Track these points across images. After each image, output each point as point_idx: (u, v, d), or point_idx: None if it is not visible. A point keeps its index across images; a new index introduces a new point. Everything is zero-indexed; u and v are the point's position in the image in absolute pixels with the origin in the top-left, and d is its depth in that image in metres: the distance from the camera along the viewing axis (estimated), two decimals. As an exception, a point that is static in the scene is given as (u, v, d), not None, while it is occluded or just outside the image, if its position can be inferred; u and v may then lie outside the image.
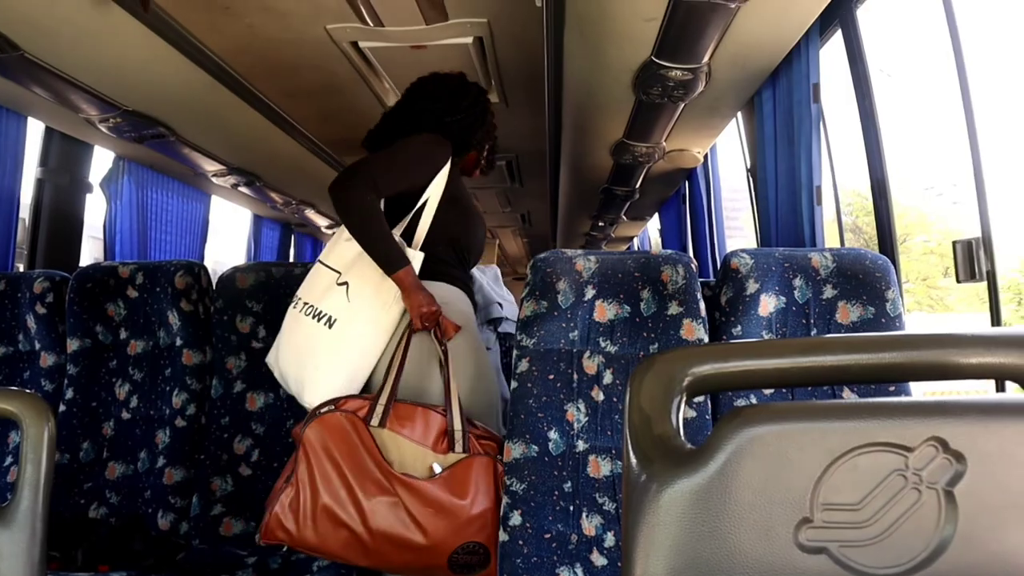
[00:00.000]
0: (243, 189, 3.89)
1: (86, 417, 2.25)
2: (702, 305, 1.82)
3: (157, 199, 3.62)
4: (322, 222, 5.20)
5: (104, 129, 2.78)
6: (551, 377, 1.81)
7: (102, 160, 3.32)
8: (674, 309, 1.81)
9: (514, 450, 1.76)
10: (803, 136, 2.27)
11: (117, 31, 2.25)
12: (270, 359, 2.00)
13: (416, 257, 1.89)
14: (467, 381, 1.89)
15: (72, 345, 2.30)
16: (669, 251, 1.87)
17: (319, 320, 1.85)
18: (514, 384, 1.81)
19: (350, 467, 1.69)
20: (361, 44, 2.86)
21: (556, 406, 1.80)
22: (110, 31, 2.24)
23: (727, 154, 3.57)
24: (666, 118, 2.79)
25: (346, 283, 1.86)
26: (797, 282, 1.85)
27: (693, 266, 1.84)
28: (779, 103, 2.46)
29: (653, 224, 5.80)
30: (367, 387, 1.91)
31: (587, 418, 1.80)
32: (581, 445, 1.78)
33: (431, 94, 2.10)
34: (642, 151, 3.24)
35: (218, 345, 2.28)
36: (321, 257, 1.97)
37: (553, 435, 1.77)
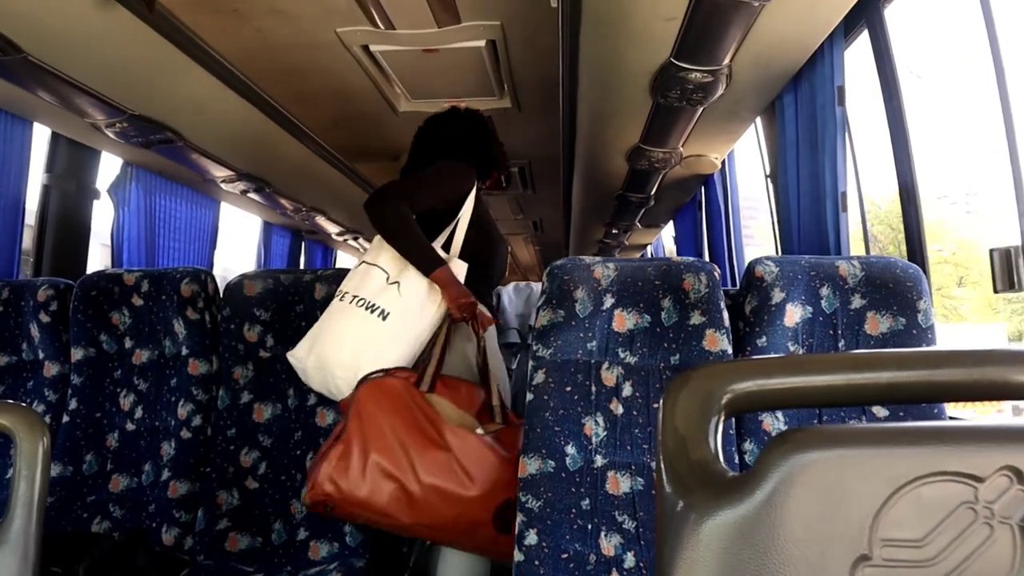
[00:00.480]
0: (252, 195, 3.84)
1: (90, 428, 2.19)
2: (726, 315, 1.74)
3: (165, 205, 3.57)
4: (332, 229, 5.15)
5: (111, 134, 2.73)
6: (568, 389, 1.75)
7: (110, 166, 3.28)
8: (696, 319, 1.74)
9: (529, 465, 1.69)
10: (827, 141, 2.19)
11: (123, 33, 2.21)
12: (299, 353, 2.00)
13: (461, 266, 2.05)
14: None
15: (76, 354, 2.24)
16: (691, 258, 1.80)
17: (373, 312, 1.96)
18: (529, 396, 1.74)
19: (403, 423, 1.76)
20: (372, 48, 2.81)
21: (573, 419, 1.73)
22: (115, 33, 2.20)
23: (745, 160, 3.51)
24: (684, 123, 2.72)
25: (397, 283, 1.99)
26: (824, 291, 1.78)
27: (716, 274, 1.77)
28: (801, 107, 2.39)
29: (667, 232, 5.73)
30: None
31: (606, 432, 1.73)
32: (599, 460, 1.71)
33: (450, 132, 2.31)
34: (658, 157, 3.17)
35: (225, 355, 2.23)
36: (368, 259, 2.07)
37: (570, 450, 1.70)
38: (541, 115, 3.63)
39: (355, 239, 5.66)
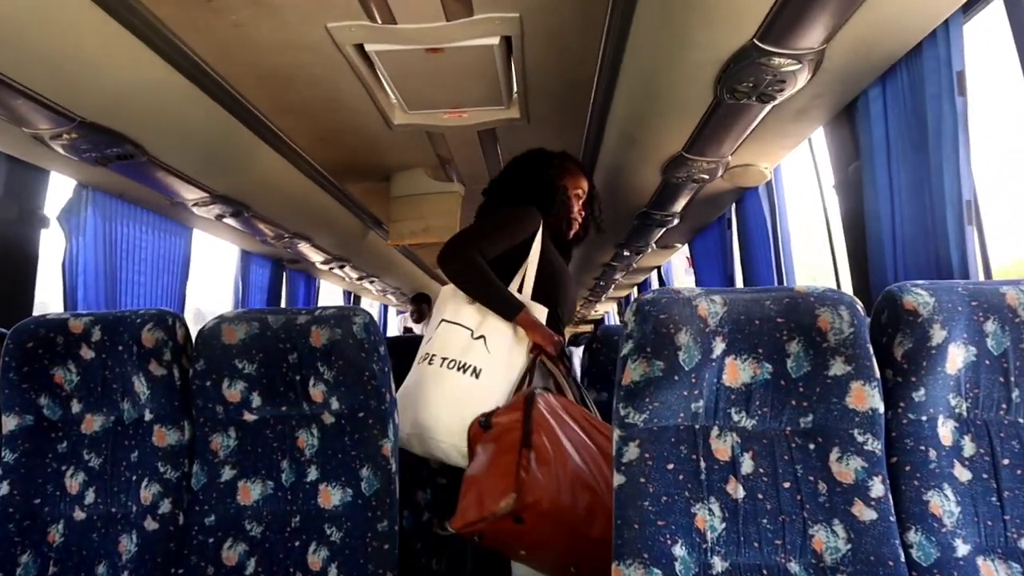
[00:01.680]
0: (229, 221, 3.36)
1: (26, 520, 1.70)
2: (875, 363, 1.32)
3: (128, 234, 3.08)
4: (317, 257, 4.66)
5: (58, 148, 2.25)
6: (670, 467, 1.30)
7: (61, 189, 2.80)
8: (838, 368, 1.31)
9: (628, 578, 1.23)
10: (945, 138, 1.79)
11: (69, 21, 1.76)
12: (405, 429, 1.97)
13: (541, 311, 2.08)
14: None
15: (8, 424, 1.76)
16: (822, 288, 1.37)
17: (465, 372, 1.98)
18: (620, 479, 1.29)
19: (577, 433, 1.74)
20: (368, 47, 2.38)
21: (680, 509, 1.28)
22: (59, 21, 1.75)
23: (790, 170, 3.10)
24: (743, 125, 2.31)
25: (483, 336, 2.02)
26: (990, 327, 1.36)
27: (860, 309, 1.34)
28: (897, 101, 1.99)
29: (677, 253, 5.31)
30: None
31: (724, 524, 1.28)
32: (719, 565, 1.26)
33: (516, 168, 2.38)
34: (702, 167, 2.75)
35: (199, 419, 1.76)
36: (447, 317, 2.08)
37: (679, 551, 1.25)
38: (553, 125, 3.24)
39: (341, 267, 5.18)
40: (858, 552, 1.23)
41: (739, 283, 3.79)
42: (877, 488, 1.27)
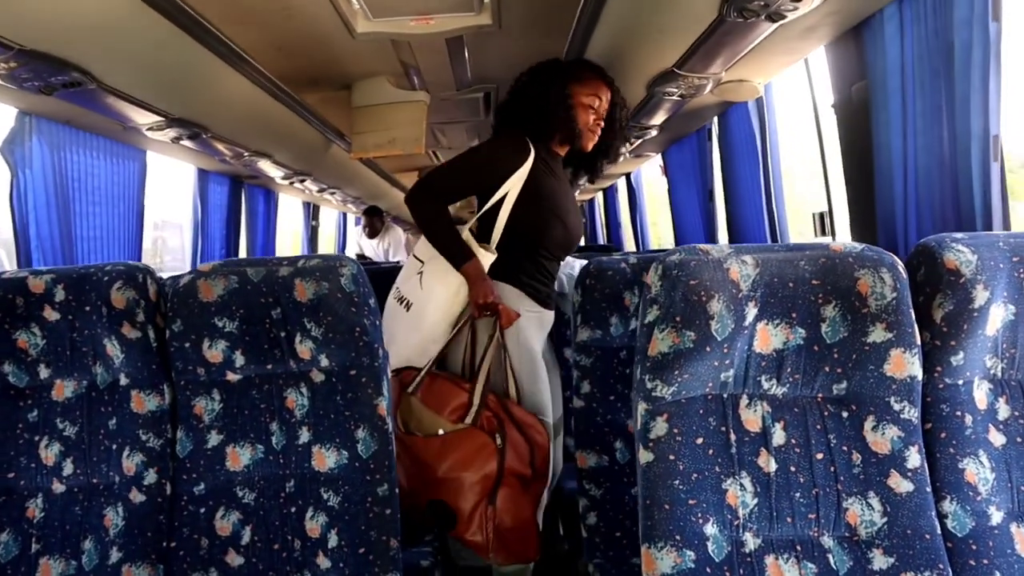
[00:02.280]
0: (186, 143, 3.11)
1: (1, 496, 1.59)
2: (917, 330, 1.24)
3: (79, 163, 2.82)
4: (277, 173, 4.41)
5: (-4, 78, 2.01)
6: (699, 441, 1.23)
7: (1, 118, 2.54)
8: (879, 334, 1.23)
9: (660, 563, 1.17)
10: (974, 66, 1.66)
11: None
12: None
13: (486, 258, 2.10)
14: (519, 369, 2.14)
15: (-30, 393, 1.62)
16: (860, 247, 1.27)
17: (401, 303, 2.12)
18: (647, 457, 1.22)
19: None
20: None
21: (711, 485, 1.21)
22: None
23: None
24: (745, 43, 2.14)
25: (422, 272, 2.10)
26: None
27: (902, 270, 1.25)
28: (918, 22, 1.84)
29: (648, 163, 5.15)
30: (445, 365, 2.17)
31: (756, 500, 1.22)
32: (751, 541, 1.21)
33: (522, 83, 2.29)
34: (692, 83, 2.59)
35: (180, 382, 1.64)
36: (415, 251, 2.17)
37: (711, 529, 1.19)
38: (528, 33, 3.03)
39: (301, 181, 4.93)
40: (894, 525, 1.19)
41: (719, 195, 3.67)
42: (913, 459, 1.22)
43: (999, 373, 1.31)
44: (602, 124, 2.26)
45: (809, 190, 3.06)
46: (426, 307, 2.08)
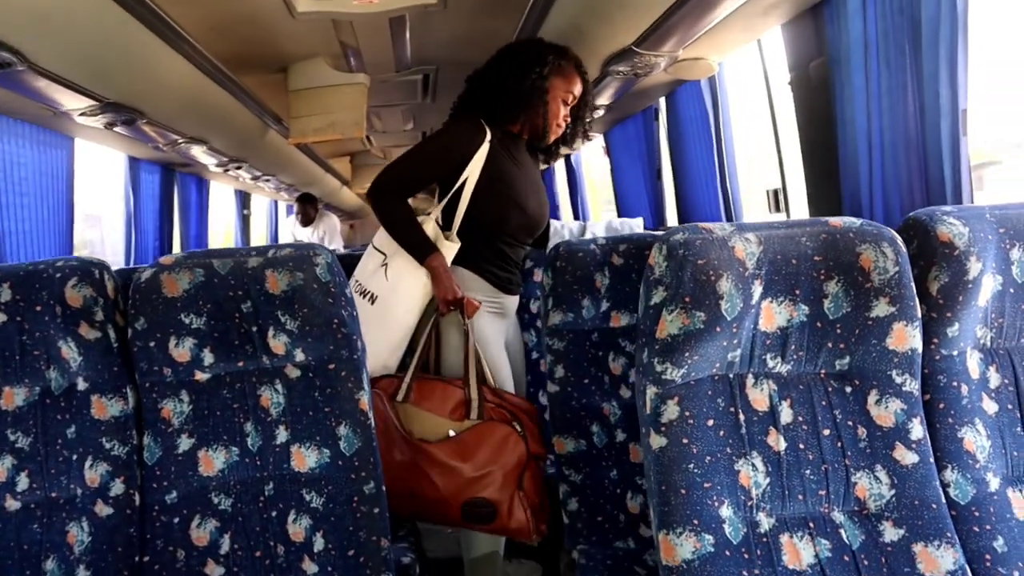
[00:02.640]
0: (120, 129, 2.92)
1: (-53, 515, 1.46)
2: (918, 303, 1.24)
3: (5, 153, 2.61)
4: (210, 160, 4.20)
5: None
6: (710, 423, 1.21)
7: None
8: (882, 309, 1.23)
9: (679, 548, 1.15)
10: (942, 40, 1.69)
11: None
12: None
13: (449, 248, 2.09)
14: (485, 353, 2.11)
15: (-93, 406, 1.48)
16: (859, 222, 1.27)
17: (364, 297, 2.07)
18: (660, 441, 1.19)
19: (379, 436, 1.72)
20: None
21: (724, 467, 1.20)
22: None
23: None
24: (708, 19, 2.12)
25: (386, 264, 2.08)
26: (1016, 254, 1.31)
27: (901, 244, 1.25)
28: (880, -2, 1.86)
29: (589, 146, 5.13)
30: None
31: (767, 480, 1.21)
32: (765, 522, 1.20)
33: (499, 61, 2.18)
34: (648, 61, 2.56)
35: (144, 384, 1.53)
36: (375, 241, 2.14)
37: (726, 512, 1.18)
38: (474, 13, 2.97)
39: (237, 168, 4.73)
40: (902, 497, 1.20)
41: (667, 175, 3.68)
42: (916, 430, 1.23)
43: (988, 343, 1.33)
44: (569, 119, 2.21)
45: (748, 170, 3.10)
46: (392, 299, 2.06)
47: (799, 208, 2.68)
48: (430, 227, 2.10)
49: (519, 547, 2.50)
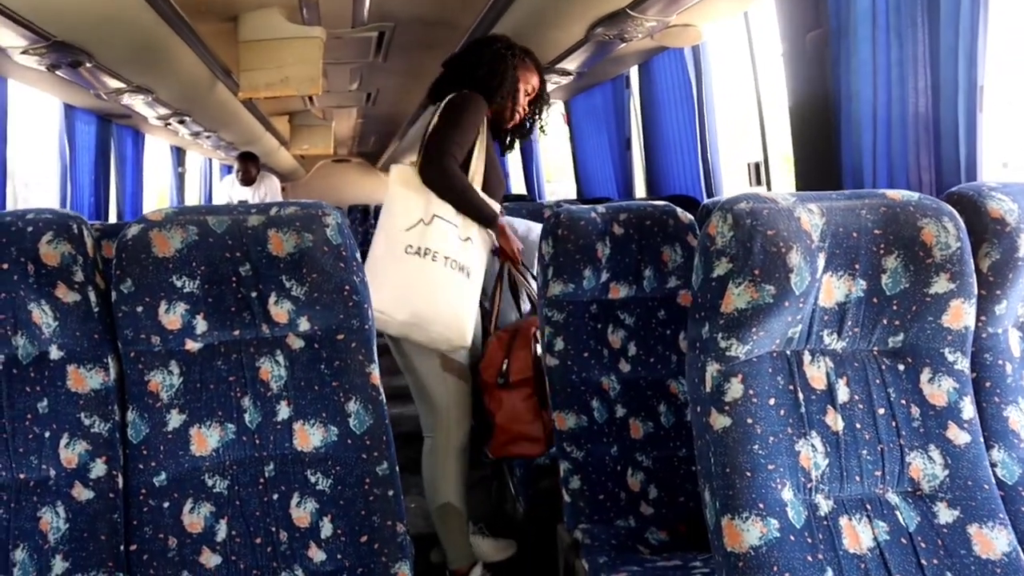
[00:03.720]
0: (63, 73, 2.64)
1: None
2: (975, 280, 1.22)
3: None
4: (151, 112, 3.90)
5: None
6: (772, 402, 1.15)
7: None
8: (942, 285, 1.19)
9: (746, 534, 1.09)
10: (963, 16, 1.67)
11: None
12: (386, 307, 1.99)
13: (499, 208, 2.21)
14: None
15: None
16: (916, 196, 1.23)
17: (461, 272, 2.10)
18: (724, 422, 1.13)
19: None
20: None
21: (786, 448, 1.14)
22: None
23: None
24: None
25: (469, 238, 2.12)
26: None
27: (960, 220, 1.22)
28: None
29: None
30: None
31: (827, 460, 1.17)
32: (824, 504, 1.16)
33: (475, 49, 2.33)
34: (638, 25, 2.48)
35: (129, 354, 1.37)
36: (440, 214, 2.09)
37: (788, 495, 1.13)
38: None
39: (180, 122, 4.42)
40: (955, 478, 1.18)
41: (636, 145, 3.64)
42: (968, 409, 1.21)
43: None
44: (526, 109, 2.37)
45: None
46: (479, 269, 2.16)
47: (780, 182, 2.68)
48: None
49: (496, 525, 2.45)
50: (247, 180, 5.95)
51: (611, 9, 2.44)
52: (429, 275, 2.04)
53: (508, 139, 2.44)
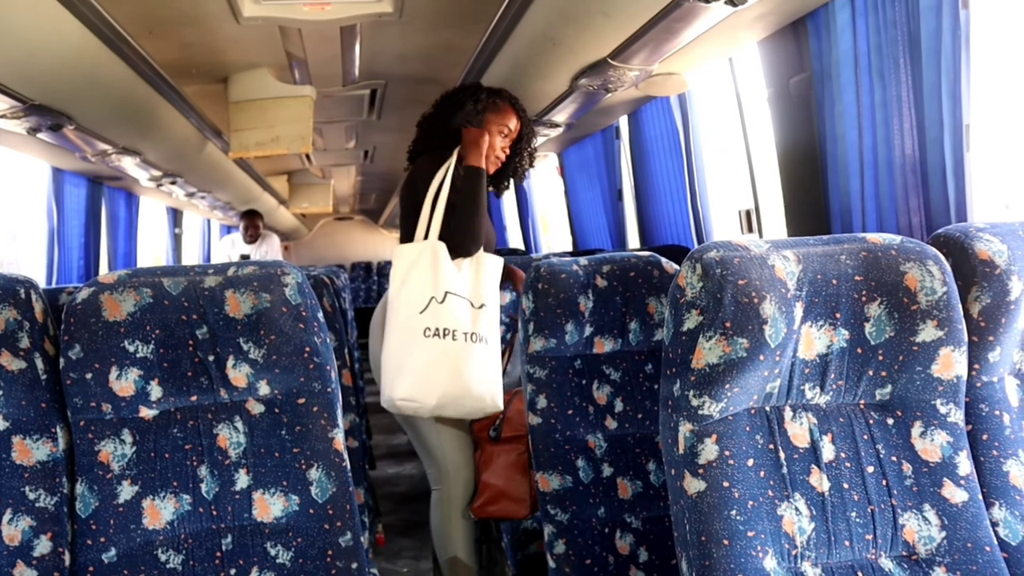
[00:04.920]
0: (44, 136, 2.64)
1: None
2: (965, 326, 1.15)
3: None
4: (142, 174, 3.91)
5: None
6: (750, 463, 1.08)
7: None
8: (929, 333, 1.12)
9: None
10: (944, 55, 1.64)
11: None
12: (417, 397, 2.04)
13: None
14: None
15: None
16: (899, 239, 1.17)
17: (479, 342, 2.08)
18: (698, 486, 1.05)
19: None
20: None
21: (767, 513, 1.06)
22: None
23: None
24: (694, 30, 2.04)
25: (483, 305, 2.11)
26: None
27: (946, 263, 1.15)
28: (875, 12, 1.80)
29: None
30: None
31: (812, 524, 1.08)
32: (811, 573, 1.07)
33: (435, 108, 2.40)
34: (621, 75, 2.46)
35: (79, 423, 1.31)
36: (453, 290, 2.09)
37: (770, 563, 1.04)
38: (432, 24, 2.83)
39: (172, 183, 4.44)
40: (953, 539, 1.09)
41: (628, 195, 3.61)
42: (964, 465, 1.13)
43: (1022, 367, 1.25)
44: (508, 151, 2.34)
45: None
46: (497, 333, 2.15)
47: (771, 229, 2.63)
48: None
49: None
50: (252, 237, 5.97)
51: (593, 59, 2.42)
52: (452, 355, 2.04)
53: (498, 182, 2.42)
